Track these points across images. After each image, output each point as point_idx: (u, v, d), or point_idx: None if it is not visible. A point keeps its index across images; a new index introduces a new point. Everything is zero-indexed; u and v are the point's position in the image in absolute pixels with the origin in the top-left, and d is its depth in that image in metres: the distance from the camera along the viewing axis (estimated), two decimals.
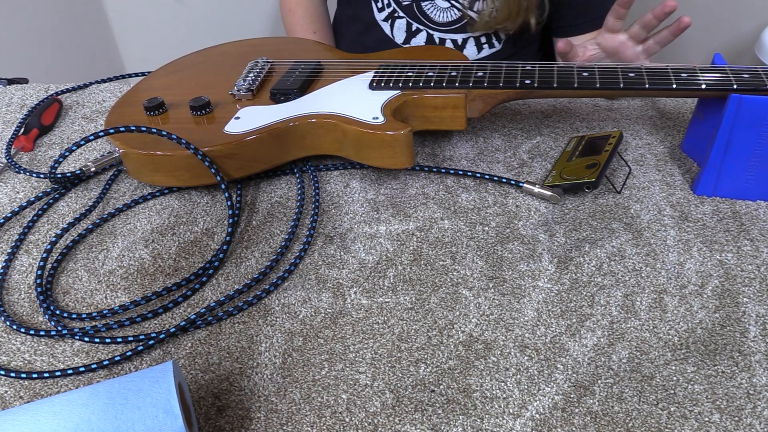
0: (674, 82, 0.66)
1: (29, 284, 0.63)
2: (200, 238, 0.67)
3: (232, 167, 0.70)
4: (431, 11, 1.01)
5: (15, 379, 0.54)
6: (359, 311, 0.58)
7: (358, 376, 0.53)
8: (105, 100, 0.92)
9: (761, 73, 0.65)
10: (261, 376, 0.53)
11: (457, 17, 1.01)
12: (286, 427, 0.50)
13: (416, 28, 1.03)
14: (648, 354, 0.53)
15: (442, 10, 1.01)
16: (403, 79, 0.73)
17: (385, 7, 1.04)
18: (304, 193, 0.71)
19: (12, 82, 0.96)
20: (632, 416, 0.49)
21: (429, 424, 0.49)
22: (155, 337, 0.56)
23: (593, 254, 0.63)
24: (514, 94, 0.72)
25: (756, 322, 0.55)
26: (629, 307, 0.57)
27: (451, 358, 0.54)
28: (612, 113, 0.83)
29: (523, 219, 0.67)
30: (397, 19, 1.04)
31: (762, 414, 0.49)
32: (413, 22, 1.03)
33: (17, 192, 0.75)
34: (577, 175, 0.69)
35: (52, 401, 0.45)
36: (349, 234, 0.67)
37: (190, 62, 0.86)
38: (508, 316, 0.57)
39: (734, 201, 0.68)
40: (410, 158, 0.68)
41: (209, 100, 0.74)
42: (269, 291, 0.60)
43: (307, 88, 0.76)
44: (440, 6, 1.00)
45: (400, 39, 1.05)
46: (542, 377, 0.52)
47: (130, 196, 0.73)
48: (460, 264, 0.62)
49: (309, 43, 0.92)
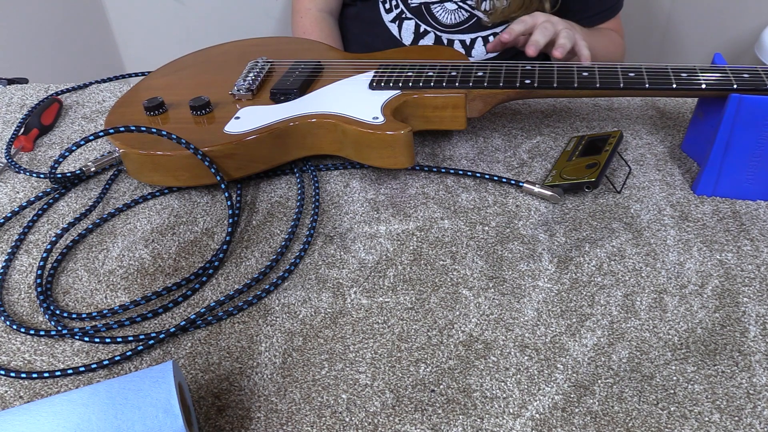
0: (674, 82, 0.66)
1: (29, 284, 0.63)
2: (200, 238, 0.67)
3: (232, 167, 0.70)
4: (440, 14, 1.01)
5: (15, 379, 0.54)
6: (359, 311, 0.58)
7: (358, 375, 0.53)
8: (105, 100, 0.92)
9: (761, 73, 0.65)
10: (261, 376, 0.53)
11: (465, 18, 1.01)
12: (286, 427, 0.50)
13: (424, 30, 1.04)
14: (648, 354, 0.53)
15: (450, 12, 1.01)
16: (403, 79, 0.73)
17: (393, 9, 1.04)
18: (304, 193, 0.71)
19: (12, 82, 0.96)
20: (632, 416, 0.49)
21: (429, 424, 0.49)
22: (155, 337, 0.56)
23: (593, 254, 0.63)
24: (514, 94, 0.72)
25: (756, 322, 0.55)
26: (629, 306, 0.57)
27: (451, 358, 0.54)
28: (612, 113, 0.83)
29: (523, 219, 0.67)
30: (405, 20, 1.04)
31: (762, 414, 0.49)
32: (421, 23, 1.03)
33: (17, 192, 0.75)
34: (577, 174, 0.69)
35: (52, 401, 0.45)
36: (349, 234, 0.67)
37: (190, 62, 0.86)
38: (508, 316, 0.57)
39: (734, 201, 0.68)
40: (410, 158, 0.68)
41: (209, 100, 0.74)
42: (269, 291, 0.60)
43: (307, 87, 0.76)
44: (448, 8, 1.01)
45: (407, 40, 1.05)
46: (542, 377, 0.52)
47: (130, 196, 0.73)
48: (460, 264, 0.62)
49: (309, 43, 0.92)
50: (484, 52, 1.05)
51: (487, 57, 1.05)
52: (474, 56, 1.05)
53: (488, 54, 1.04)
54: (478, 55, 1.05)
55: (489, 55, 1.05)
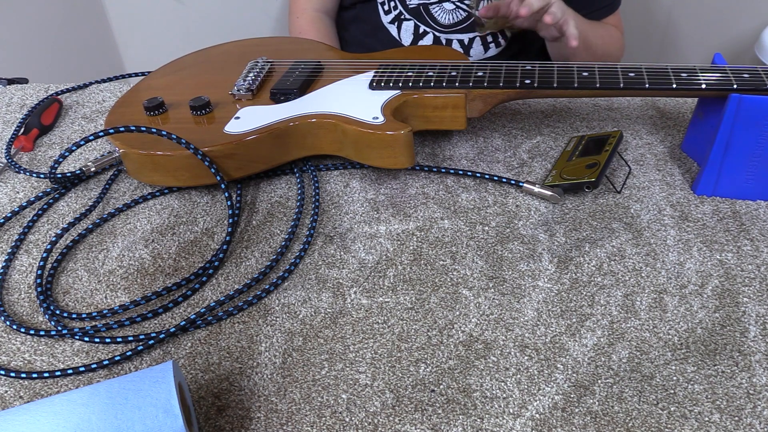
0: (674, 82, 0.66)
1: (29, 284, 0.63)
2: (200, 238, 0.67)
3: (231, 167, 0.70)
4: (438, 14, 1.01)
5: (15, 379, 0.54)
6: (359, 311, 0.58)
7: (358, 375, 0.53)
8: (105, 100, 0.92)
9: (761, 73, 0.65)
10: (261, 376, 0.53)
11: (463, 17, 1.01)
12: (286, 427, 0.50)
13: (423, 31, 1.04)
14: (648, 354, 0.53)
15: (448, 12, 1.01)
16: (403, 79, 0.73)
17: (391, 10, 1.04)
18: (304, 193, 0.71)
19: (12, 82, 0.96)
20: (632, 416, 0.49)
21: (429, 424, 0.49)
22: (155, 337, 0.56)
23: (593, 254, 0.63)
24: (514, 94, 0.72)
25: (756, 322, 0.55)
26: (629, 306, 0.57)
27: (451, 358, 0.54)
28: (612, 113, 0.83)
29: (523, 219, 0.67)
30: (404, 21, 1.04)
31: (762, 414, 0.49)
32: (420, 24, 1.03)
33: (17, 192, 0.75)
34: (577, 174, 0.69)
35: (52, 401, 0.45)
36: (349, 234, 0.67)
37: (190, 62, 0.86)
38: (508, 316, 0.57)
39: (734, 201, 0.68)
40: (410, 158, 0.68)
41: (209, 100, 0.74)
42: (269, 291, 0.60)
43: (307, 88, 0.76)
44: (446, 8, 1.01)
45: (407, 41, 1.06)
46: (542, 377, 0.52)
47: (130, 196, 0.73)
48: (460, 264, 0.62)
49: (309, 43, 0.92)
50: (482, 51, 1.05)
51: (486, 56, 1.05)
52: (472, 56, 1.05)
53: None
54: (476, 55, 1.05)
55: (487, 54, 1.05)
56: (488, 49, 1.05)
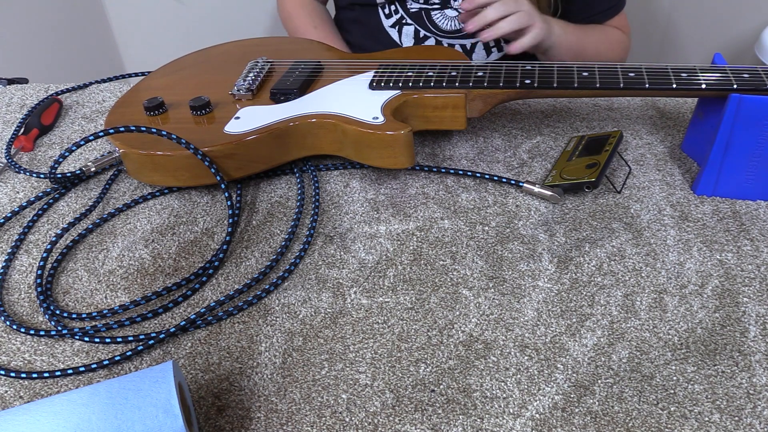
0: (674, 82, 0.66)
1: (29, 284, 0.63)
2: (200, 238, 0.67)
3: (231, 167, 0.70)
4: (439, 20, 1.01)
5: (15, 379, 0.54)
6: (359, 311, 0.58)
7: (358, 375, 0.53)
8: (105, 100, 0.92)
9: (761, 73, 0.65)
10: (261, 376, 0.53)
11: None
12: (286, 427, 0.50)
13: (424, 35, 1.04)
14: (648, 354, 0.53)
15: (450, 19, 1.01)
16: (403, 79, 0.73)
17: (392, 14, 1.04)
18: (304, 193, 0.71)
19: (12, 82, 0.96)
20: (632, 416, 0.49)
21: (429, 424, 0.49)
22: (155, 337, 0.56)
23: (593, 254, 0.63)
24: (514, 94, 0.72)
25: (756, 322, 0.55)
26: (629, 306, 0.57)
27: (451, 358, 0.54)
28: (612, 113, 0.83)
29: (523, 219, 0.67)
30: (405, 25, 1.04)
31: (762, 414, 0.49)
32: (421, 29, 1.03)
33: (17, 192, 0.75)
34: (577, 174, 0.69)
35: (52, 401, 0.45)
36: (349, 234, 0.67)
37: (190, 62, 0.86)
38: (508, 316, 0.57)
39: (734, 201, 0.68)
40: (410, 158, 0.68)
41: (209, 100, 0.74)
42: (269, 291, 0.60)
43: (307, 88, 0.76)
44: (449, 15, 1.01)
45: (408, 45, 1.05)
46: (542, 377, 0.52)
47: (130, 196, 0.73)
48: (460, 264, 0.62)
49: (309, 43, 0.92)
50: (484, 56, 1.05)
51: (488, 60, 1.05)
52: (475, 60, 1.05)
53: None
54: (479, 59, 1.05)
55: (490, 58, 1.05)
56: (491, 54, 1.05)
